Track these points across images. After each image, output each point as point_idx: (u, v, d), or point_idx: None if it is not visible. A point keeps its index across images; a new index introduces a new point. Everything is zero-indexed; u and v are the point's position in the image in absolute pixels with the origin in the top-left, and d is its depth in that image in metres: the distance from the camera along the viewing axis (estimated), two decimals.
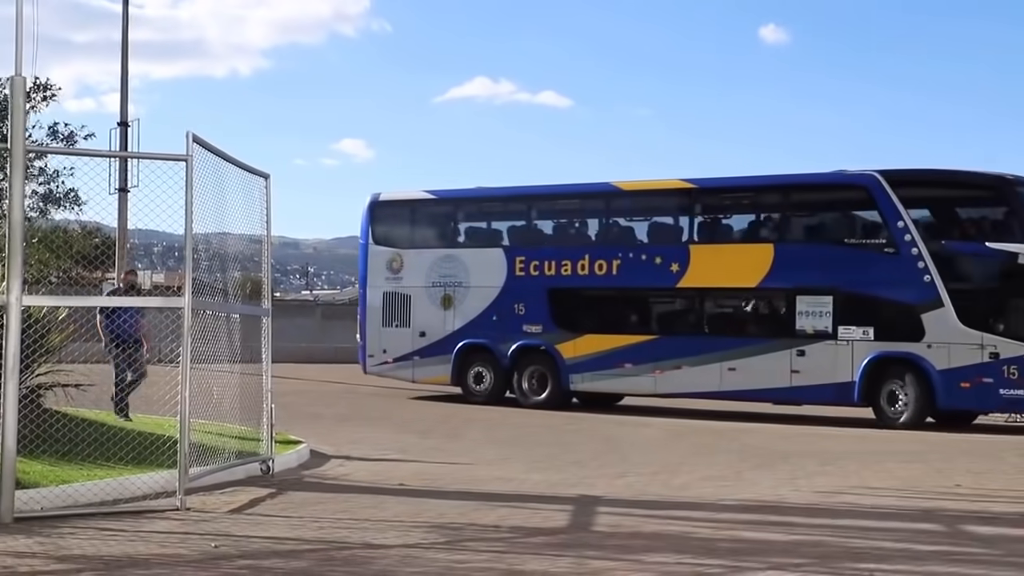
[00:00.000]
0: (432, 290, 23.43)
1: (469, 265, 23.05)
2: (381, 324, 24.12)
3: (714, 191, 21.83)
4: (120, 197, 33.78)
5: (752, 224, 21.38)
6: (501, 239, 23.53)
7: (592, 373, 21.77)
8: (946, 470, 13.10)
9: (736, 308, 21.38)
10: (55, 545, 7.44)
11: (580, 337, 21.86)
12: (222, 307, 10.77)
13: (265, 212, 11.45)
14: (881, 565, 7.29)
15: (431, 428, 17.39)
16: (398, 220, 24.73)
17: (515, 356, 22.43)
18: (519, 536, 8.24)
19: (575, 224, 23.19)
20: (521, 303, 22.40)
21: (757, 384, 20.02)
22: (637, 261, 21.34)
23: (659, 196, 22.31)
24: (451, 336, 23.11)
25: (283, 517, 8.85)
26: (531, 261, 22.40)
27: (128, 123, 35.55)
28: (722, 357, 20.31)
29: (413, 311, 23.70)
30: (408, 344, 23.69)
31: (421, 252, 23.77)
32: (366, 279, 24.54)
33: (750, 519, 9.17)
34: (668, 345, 21.04)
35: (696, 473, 12.40)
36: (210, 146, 9.69)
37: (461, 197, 24.58)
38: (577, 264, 21.84)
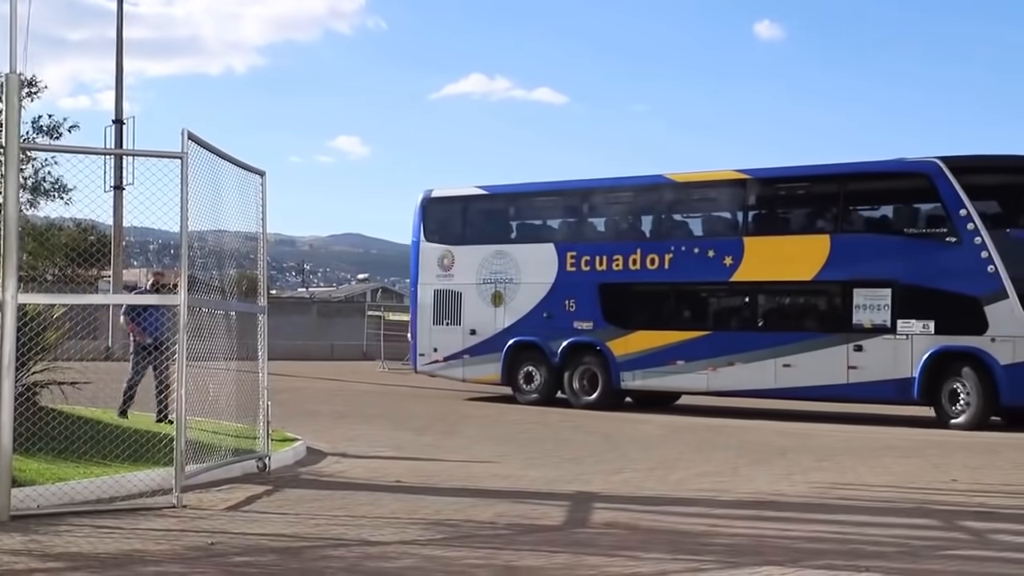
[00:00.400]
0: (482, 287, 23.02)
1: (519, 261, 22.61)
2: (432, 322, 23.75)
3: (769, 181, 20.94)
4: (115, 194, 33.84)
5: (807, 215, 20.70)
6: (552, 234, 23.04)
7: (643, 371, 21.18)
8: (942, 465, 13.12)
9: (791, 302, 20.86)
10: (51, 543, 7.44)
11: (631, 334, 21.32)
12: (218, 304, 10.76)
13: (261, 209, 11.45)
14: (877, 560, 7.30)
15: (427, 425, 17.39)
16: (449, 216, 24.28)
17: (565, 354, 21.92)
18: (516, 532, 8.25)
19: (626, 218, 22.60)
20: (572, 299, 21.92)
21: (813, 381, 19.32)
22: (689, 255, 20.75)
23: (712, 188, 21.57)
24: (501, 334, 22.71)
25: (280, 514, 8.85)
26: (582, 256, 21.90)
27: (123, 121, 35.60)
28: (776, 353, 19.68)
29: (463, 309, 23.31)
30: (458, 342, 23.32)
31: (472, 248, 23.35)
32: (417, 277, 24.15)
33: (746, 515, 9.17)
34: (721, 341, 20.43)
35: (693, 469, 12.41)
36: (205, 143, 9.68)
37: (512, 192, 24.06)
38: (629, 259, 21.32)
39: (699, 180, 21.80)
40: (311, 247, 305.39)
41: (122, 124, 35.34)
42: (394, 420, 18.15)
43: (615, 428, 17.68)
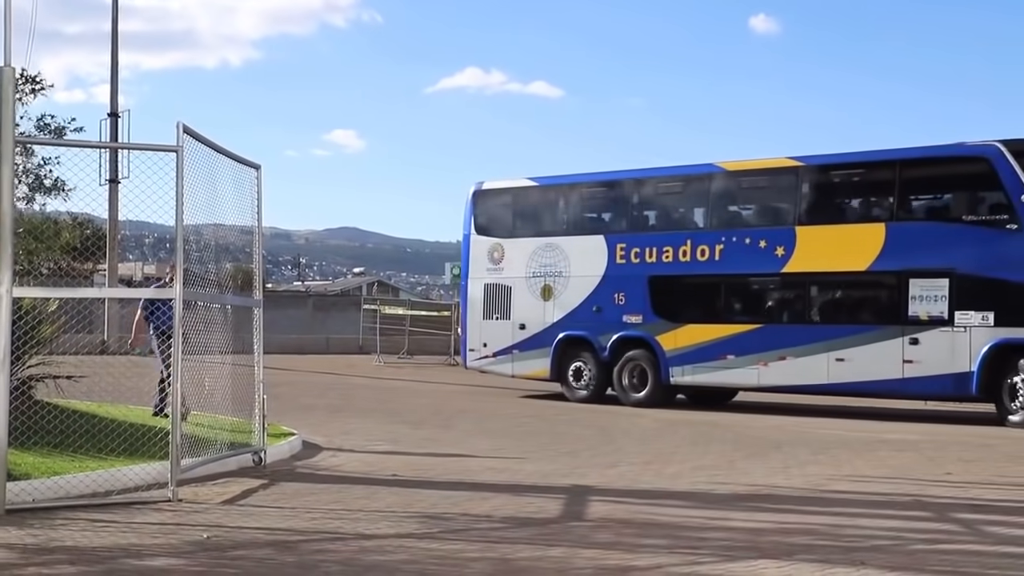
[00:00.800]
0: (532, 280, 22.68)
1: (569, 253, 22.17)
2: (482, 317, 23.44)
3: (822, 168, 20.25)
4: (111, 188, 33.82)
5: (861, 203, 20.10)
6: (602, 226, 22.47)
7: (693, 366, 20.62)
8: (937, 458, 13.14)
9: (844, 294, 20.04)
10: (47, 537, 7.43)
11: (681, 327, 20.78)
12: (213, 298, 10.75)
13: (256, 203, 11.43)
14: (872, 553, 7.31)
15: (423, 419, 17.39)
16: (499, 209, 23.95)
17: (615, 348, 21.42)
18: (511, 526, 8.25)
19: (676, 208, 22.06)
20: (622, 292, 21.43)
21: (867, 376, 18.62)
22: (740, 245, 20.21)
23: (764, 176, 20.97)
24: (550, 328, 22.31)
25: (276, 508, 8.85)
26: (632, 248, 21.42)
27: (118, 114, 35.60)
28: (829, 347, 19.04)
29: (513, 303, 22.95)
30: (508, 337, 22.94)
31: (521, 241, 23.03)
32: (468, 270, 23.89)
33: (742, 508, 9.18)
34: (772, 335, 19.82)
35: (689, 463, 12.42)
36: (201, 137, 9.67)
37: (561, 183, 23.44)
38: (679, 250, 20.82)
39: (751, 168, 21.11)
40: (307, 241, 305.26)
41: (117, 117, 35.36)
42: (390, 414, 18.14)
43: (611, 422, 17.69)
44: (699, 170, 21.50)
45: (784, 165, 20.38)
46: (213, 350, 10.81)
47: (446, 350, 36.78)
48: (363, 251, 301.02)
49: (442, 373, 31.25)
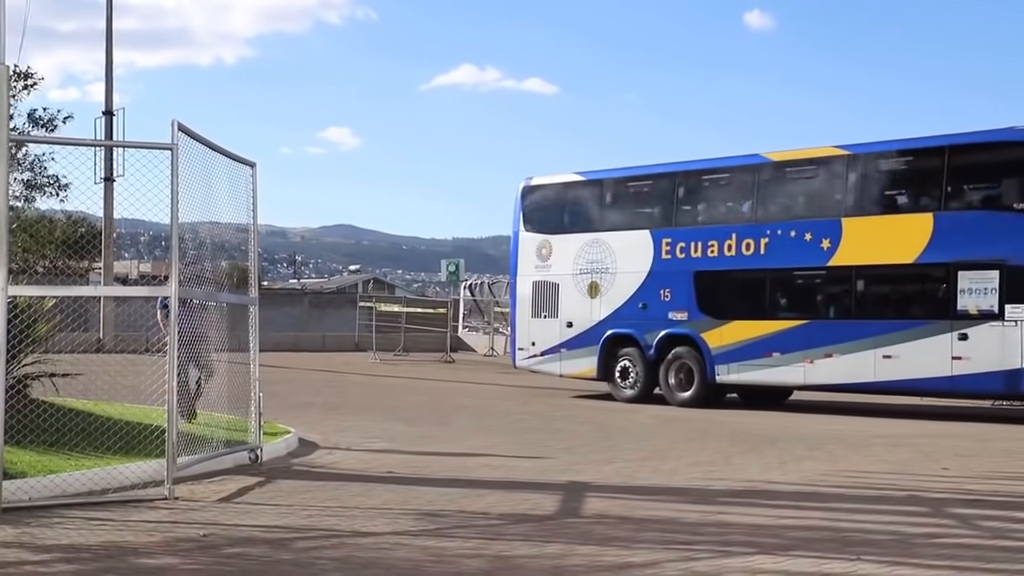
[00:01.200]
0: (579, 277, 22.13)
1: (615, 249, 21.62)
2: (531, 315, 23.00)
3: (868, 157, 19.26)
4: (106, 186, 33.76)
5: (908, 192, 19.14)
6: (647, 220, 21.84)
7: (739, 364, 19.88)
8: (933, 453, 13.16)
9: (891, 287, 19.10)
10: (43, 535, 7.43)
11: (726, 324, 20.11)
12: (209, 296, 10.75)
13: (251, 201, 11.43)
14: (868, 548, 7.32)
15: (420, 416, 17.39)
16: (547, 204, 23.41)
17: (660, 346, 20.80)
18: (508, 523, 8.26)
19: (721, 201, 21.41)
20: (667, 289, 20.81)
21: (914, 374, 17.82)
22: (785, 238, 19.47)
23: (809, 166, 20.06)
24: (597, 326, 21.74)
25: (272, 506, 8.85)
26: (677, 243, 20.79)
27: (113, 112, 35.53)
28: (876, 343, 18.21)
29: (561, 300, 22.45)
30: (556, 336, 22.45)
31: (569, 237, 22.50)
32: (516, 268, 23.39)
33: (739, 504, 9.19)
34: (817, 331, 19.04)
35: (685, 459, 12.43)
36: (196, 134, 9.66)
37: (607, 177, 22.81)
38: (724, 244, 20.19)
39: (795, 158, 20.34)
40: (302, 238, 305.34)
41: (112, 115, 35.29)
42: (386, 411, 18.14)
43: (607, 418, 17.70)
44: (743, 161, 20.92)
45: (830, 154, 19.74)
46: (209, 348, 10.80)
47: (442, 347, 36.80)
48: (359, 248, 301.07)
49: (438, 370, 31.26)
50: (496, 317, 40.79)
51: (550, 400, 21.38)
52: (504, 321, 40.63)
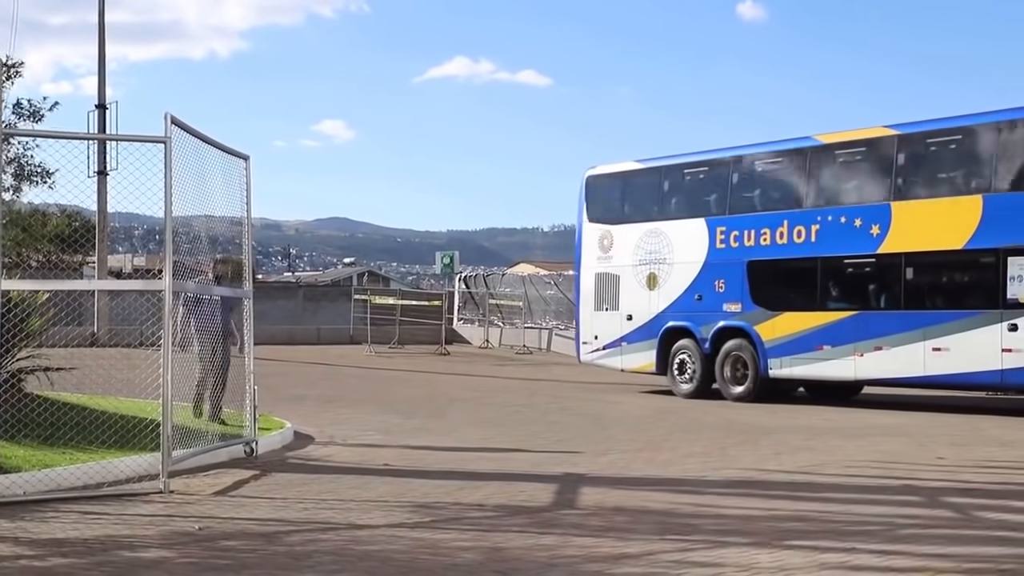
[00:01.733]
0: (638, 268, 21.54)
1: (672, 239, 20.96)
2: (593, 308, 22.46)
3: (917, 137, 18.21)
4: (99, 180, 33.70)
5: (957, 173, 18.06)
6: (702, 208, 21.04)
7: (790, 357, 19.06)
8: (928, 443, 13.18)
9: (939, 275, 18.11)
10: (38, 529, 7.42)
11: (778, 316, 19.37)
12: (203, 289, 10.73)
13: (245, 194, 11.41)
14: (864, 538, 7.33)
15: (415, 408, 17.39)
16: (608, 194, 22.84)
17: (715, 339, 20.12)
18: (504, 515, 8.26)
19: (773, 187, 20.48)
20: (722, 279, 20.12)
21: (963, 367, 16.88)
22: (836, 225, 18.63)
23: (858, 148, 19.14)
24: (655, 319, 21.11)
25: (267, 499, 8.84)
26: (731, 231, 20.07)
27: (106, 105, 35.43)
28: (924, 335, 17.30)
29: (621, 292, 21.84)
30: (617, 329, 21.86)
31: (629, 228, 21.92)
32: (580, 260, 22.94)
33: (734, 495, 9.20)
34: (866, 322, 18.16)
35: (680, 450, 12.44)
36: (189, 128, 9.64)
37: (663, 165, 22.11)
38: (776, 232, 19.41)
39: (844, 140, 19.44)
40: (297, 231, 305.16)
41: (105, 109, 35.19)
42: (381, 404, 18.14)
43: (603, 410, 17.71)
44: (793, 144, 20.07)
45: (878, 135, 18.79)
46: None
47: (437, 340, 36.79)
48: (353, 241, 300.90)
49: (433, 363, 31.26)
50: (491, 309, 40.79)
51: (546, 392, 21.38)
52: (499, 313, 40.67)
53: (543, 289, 39.43)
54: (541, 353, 36.65)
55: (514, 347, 37.66)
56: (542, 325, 38.61)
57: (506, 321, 40.31)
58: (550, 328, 38.28)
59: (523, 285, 40.69)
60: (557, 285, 39.02)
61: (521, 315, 38.98)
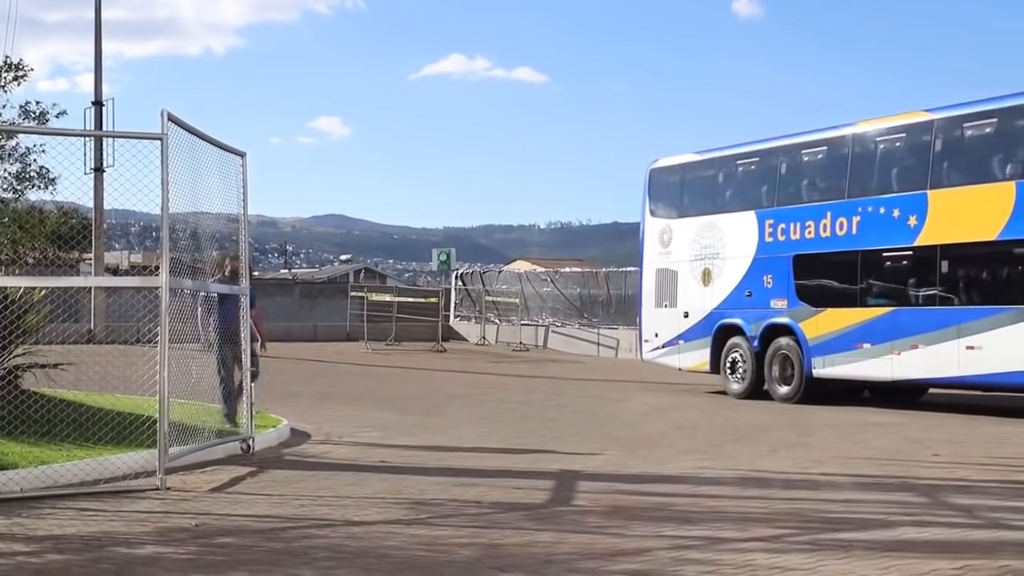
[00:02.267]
0: (694, 264, 20.92)
1: (725, 233, 20.29)
2: (654, 305, 21.88)
3: (953, 121, 17.11)
4: (96, 177, 33.65)
5: (991, 158, 16.79)
6: (752, 200, 20.24)
7: (832, 356, 18.19)
8: (924, 440, 13.20)
9: (972, 269, 17.01)
10: (35, 526, 7.42)
11: (821, 312, 18.50)
12: (200, 286, 10.73)
13: (242, 191, 11.41)
14: (859, 535, 7.34)
15: (411, 405, 17.39)
16: (668, 188, 22.22)
17: (764, 337, 19.33)
18: (500, 512, 8.27)
19: (817, 177, 19.55)
20: (770, 274, 19.35)
21: (994, 367, 15.77)
22: (875, 216, 17.66)
23: (896, 134, 18.09)
24: (709, 316, 20.44)
25: (264, 495, 8.85)
26: (778, 224, 19.26)
27: (103, 102, 35.39)
28: (957, 333, 16.28)
29: (679, 289, 21.21)
30: (675, 326, 21.20)
31: (686, 222, 21.32)
32: (642, 255, 22.42)
33: (729, 491, 9.21)
34: (902, 319, 17.20)
35: (676, 447, 12.45)
36: (185, 124, 9.64)
37: (716, 156, 21.45)
38: (820, 224, 18.53)
39: (882, 126, 18.45)
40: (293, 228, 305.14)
41: (102, 106, 35.14)
42: (378, 401, 18.15)
43: (599, 407, 17.72)
44: (832, 132, 19.22)
45: (914, 120, 17.83)
46: (198, 338, 10.78)
47: (433, 336, 36.79)
48: (350, 238, 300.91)
49: (430, 359, 31.26)
50: (487, 306, 40.79)
51: (543, 389, 21.39)
52: (496, 310, 40.65)
53: (540, 286, 39.45)
54: (538, 350, 36.66)
55: (511, 344, 37.66)
56: (539, 322, 38.62)
57: (502, 318, 40.32)
58: (547, 325, 38.30)
59: (520, 282, 40.71)
60: (553, 282, 39.05)
61: (518, 312, 38.99)
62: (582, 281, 37.97)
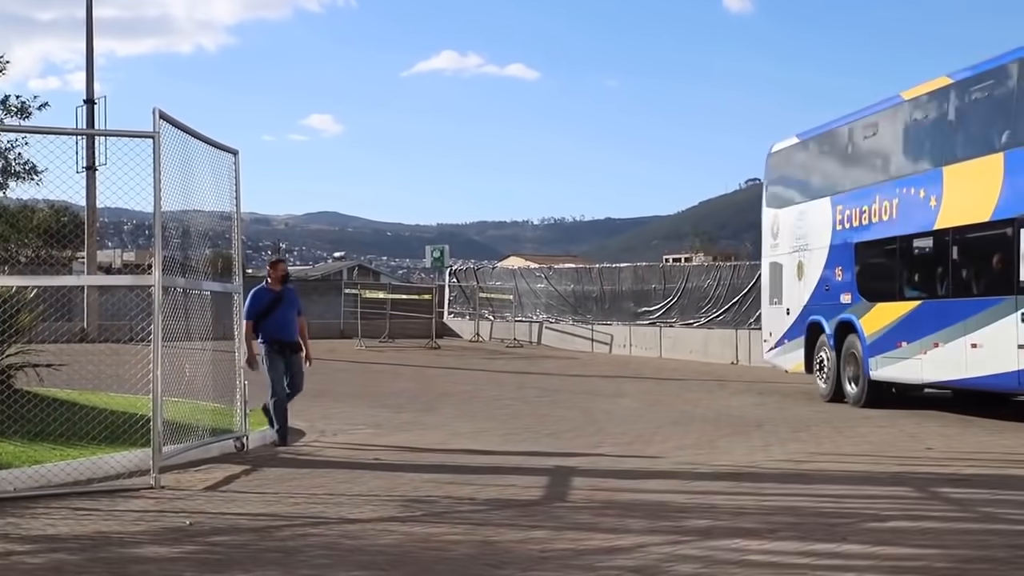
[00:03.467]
0: (791, 256, 19.48)
1: (811, 221, 18.78)
2: (768, 302, 20.68)
3: (964, 86, 15.11)
4: (88, 175, 33.62)
5: (989, 127, 14.78)
6: (827, 185, 18.69)
7: (882, 356, 16.45)
8: (918, 435, 13.21)
9: (973, 256, 14.84)
10: (28, 525, 7.41)
11: (873, 307, 16.83)
12: (193, 284, 10.71)
13: (234, 188, 11.40)
14: (854, 530, 7.35)
15: (405, 403, 17.39)
16: (779, 174, 20.75)
17: (837, 335, 17.75)
18: (495, 508, 8.26)
19: (871, 157, 17.68)
20: (840, 266, 17.81)
21: (985, 368, 14.02)
22: (908, 198, 15.95)
23: (921, 106, 16.17)
24: (802, 312, 19.01)
25: (258, 493, 8.84)
26: (845, 210, 17.67)
27: (94, 101, 35.33)
28: (964, 329, 14.49)
29: (784, 284, 19.86)
30: (782, 325, 19.81)
31: (788, 211, 19.86)
32: (762, 249, 21.15)
33: (724, 487, 9.21)
34: (928, 314, 15.43)
35: (671, 442, 12.45)
36: (177, 123, 9.63)
37: (807, 139, 19.74)
38: (871, 209, 16.88)
39: (913, 96, 16.38)
40: (287, 225, 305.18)
41: (93, 104, 35.08)
42: (372, 398, 18.13)
43: (593, 403, 17.72)
44: (880, 106, 17.34)
45: (936, 87, 15.78)
46: (193, 336, 10.76)
47: (427, 333, 36.77)
48: (343, 235, 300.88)
49: (423, 356, 31.23)
50: (481, 303, 40.78)
51: (536, 385, 21.38)
52: (490, 307, 40.64)
53: (533, 282, 39.46)
54: (531, 347, 36.66)
55: (504, 341, 37.66)
56: (532, 318, 38.63)
57: (496, 315, 40.32)
58: (540, 321, 38.31)
59: (513, 278, 40.72)
60: (547, 278, 39.05)
61: (511, 308, 38.99)
62: (576, 277, 37.98)
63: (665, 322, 32.87)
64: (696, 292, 31.89)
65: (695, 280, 32.31)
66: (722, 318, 30.60)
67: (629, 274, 35.39)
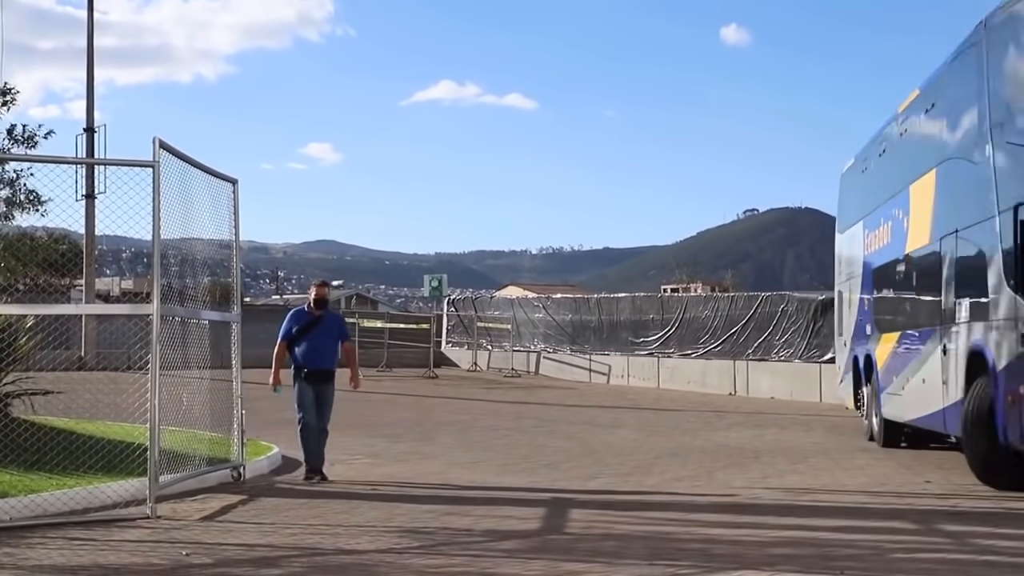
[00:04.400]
0: (845, 284, 18.81)
1: (853, 247, 17.94)
2: (837, 332, 19.93)
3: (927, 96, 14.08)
4: (87, 203, 33.66)
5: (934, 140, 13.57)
6: (862, 205, 17.67)
7: (885, 393, 15.33)
8: (916, 467, 13.18)
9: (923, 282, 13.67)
10: (24, 555, 7.37)
11: (880, 338, 15.89)
12: (191, 313, 10.71)
13: (233, 217, 11.42)
14: (852, 563, 7.32)
15: (402, 432, 17.35)
16: (841, 196, 19.76)
17: (864, 370, 16.82)
18: (492, 539, 8.24)
19: (879, 178, 16.59)
20: (866, 294, 16.98)
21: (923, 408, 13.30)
22: (896, 221, 15.08)
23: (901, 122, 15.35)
24: (849, 345, 18.34)
25: (255, 524, 8.80)
26: (870, 232, 16.71)
27: (94, 129, 35.41)
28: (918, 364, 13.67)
29: (843, 313, 19.15)
30: (841, 357, 19.23)
31: (842, 236, 19.20)
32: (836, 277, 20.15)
33: (722, 519, 9.19)
34: (905, 346, 14.51)
35: (669, 473, 12.43)
36: (177, 151, 9.66)
37: (859, 155, 18.51)
38: (879, 231, 16.08)
39: (902, 108, 15.41)
40: (285, 254, 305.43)
41: (93, 133, 35.17)
42: (369, 427, 18.09)
43: (591, 434, 17.68)
44: (885, 122, 16.54)
45: (912, 98, 14.88)
46: (191, 365, 10.75)
47: (425, 363, 36.73)
48: (341, 264, 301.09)
49: (421, 386, 31.19)
50: (479, 332, 40.76)
51: (534, 415, 21.34)
52: (488, 336, 40.60)
53: (531, 312, 39.43)
54: (529, 376, 36.61)
55: (502, 370, 37.61)
56: (530, 348, 38.59)
57: (495, 344, 40.28)
58: (538, 351, 38.26)
59: (512, 308, 40.70)
60: (545, 308, 39.03)
61: (510, 338, 38.96)
62: (574, 307, 37.97)
63: (663, 352, 32.86)
64: (694, 323, 31.90)
65: (693, 311, 32.32)
66: (720, 349, 30.61)
67: (627, 304, 35.39)
